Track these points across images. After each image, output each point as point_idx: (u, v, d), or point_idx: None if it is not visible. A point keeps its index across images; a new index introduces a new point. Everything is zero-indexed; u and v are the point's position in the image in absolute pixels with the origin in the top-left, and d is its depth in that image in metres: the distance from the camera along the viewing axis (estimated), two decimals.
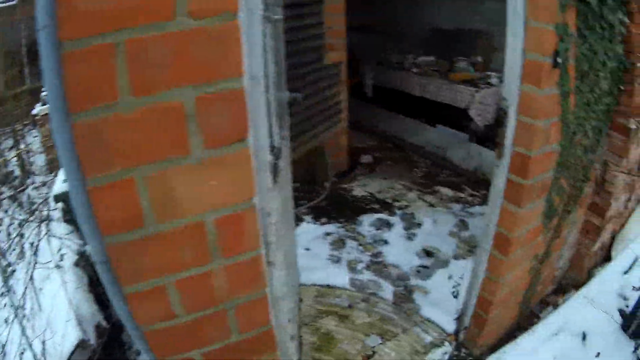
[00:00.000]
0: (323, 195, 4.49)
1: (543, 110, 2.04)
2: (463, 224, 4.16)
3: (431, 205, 4.51)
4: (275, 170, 1.45)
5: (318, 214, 4.19)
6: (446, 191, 4.82)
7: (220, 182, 1.22)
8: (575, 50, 2.10)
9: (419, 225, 4.09)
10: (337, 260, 3.50)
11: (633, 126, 2.58)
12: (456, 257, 3.64)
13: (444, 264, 3.55)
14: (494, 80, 5.16)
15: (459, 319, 2.81)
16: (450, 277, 3.26)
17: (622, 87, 2.51)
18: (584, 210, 2.96)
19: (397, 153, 5.86)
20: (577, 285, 3.21)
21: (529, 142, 2.08)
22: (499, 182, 2.30)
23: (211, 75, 1.12)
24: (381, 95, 6.36)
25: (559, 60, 1.97)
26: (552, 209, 2.50)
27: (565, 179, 2.48)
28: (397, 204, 4.50)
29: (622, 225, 3.42)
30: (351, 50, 4.79)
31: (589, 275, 3.29)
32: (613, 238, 3.39)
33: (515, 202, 2.23)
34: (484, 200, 4.55)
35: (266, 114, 1.32)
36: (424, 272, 3.45)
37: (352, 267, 3.44)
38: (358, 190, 4.75)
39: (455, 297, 3.01)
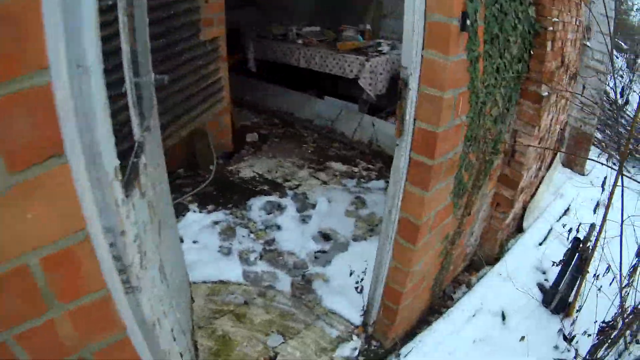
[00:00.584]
0: (208, 180, 4.39)
1: (451, 79, 1.99)
2: (360, 201, 4.21)
3: (324, 182, 4.56)
4: (134, 173, 1.31)
5: (204, 201, 4.08)
6: (339, 166, 4.89)
7: (38, 213, 1.04)
8: (485, 12, 2.08)
9: (313, 205, 4.10)
10: (228, 252, 3.41)
11: (545, 93, 2.67)
12: (356, 239, 3.68)
13: (344, 247, 3.58)
14: (384, 48, 5.25)
15: (366, 313, 2.82)
16: (351, 269, 3.24)
17: (532, 52, 2.58)
18: (494, 183, 3.05)
19: (285, 129, 5.92)
20: (490, 261, 3.37)
21: (435, 117, 2.03)
22: (400, 163, 2.24)
23: (4, 73, 0.91)
24: (267, 70, 6.39)
25: (468, 22, 1.91)
26: (462, 186, 2.52)
27: (474, 153, 2.50)
28: (287, 184, 4.50)
29: (533, 195, 3.62)
30: (233, 25, 4.76)
31: (502, 249, 3.46)
32: (524, 209, 3.57)
33: (421, 184, 2.20)
34: (380, 174, 4.68)
35: (103, 109, 1.11)
36: (322, 257, 3.45)
37: (244, 258, 3.37)
38: (246, 171, 4.71)
39: (360, 292, 3.03)
